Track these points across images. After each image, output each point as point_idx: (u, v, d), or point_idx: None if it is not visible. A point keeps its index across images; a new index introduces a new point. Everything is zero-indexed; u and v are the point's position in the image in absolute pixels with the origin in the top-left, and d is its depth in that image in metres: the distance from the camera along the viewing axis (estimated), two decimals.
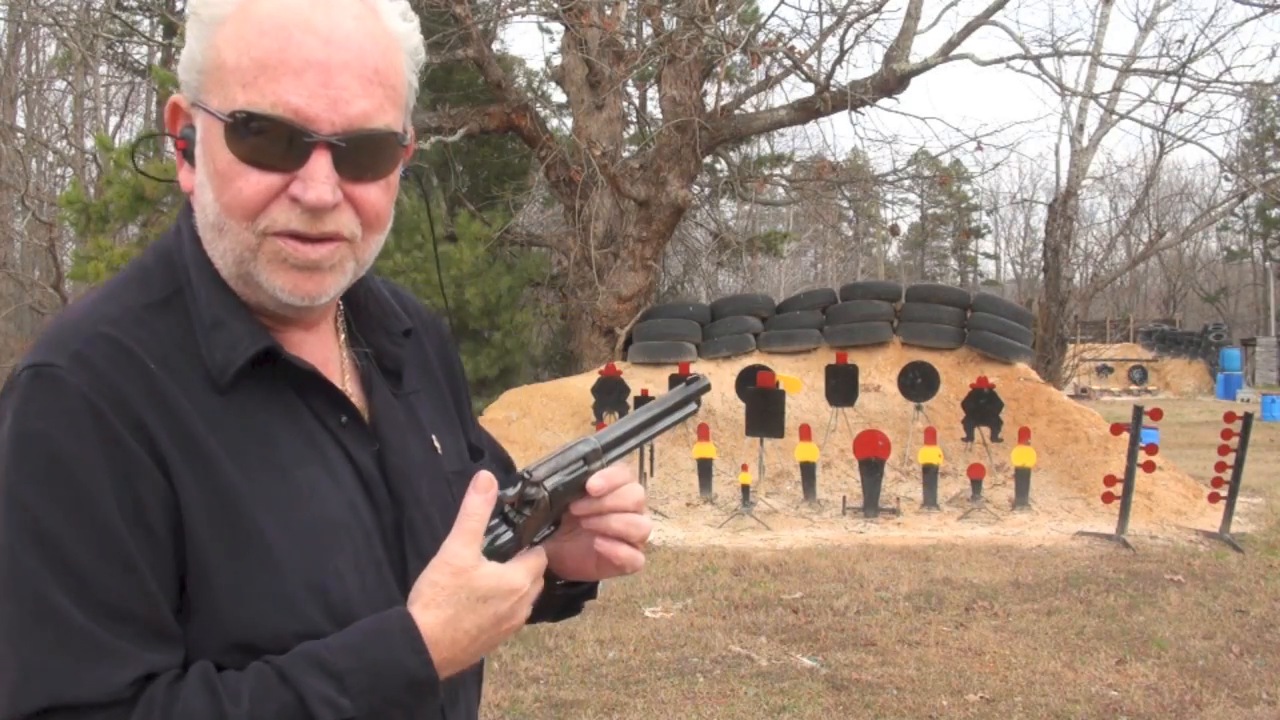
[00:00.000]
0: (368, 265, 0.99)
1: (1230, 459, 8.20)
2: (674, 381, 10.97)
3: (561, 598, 1.14)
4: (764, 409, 9.70)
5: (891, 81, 12.26)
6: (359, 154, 0.91)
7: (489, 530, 0.96)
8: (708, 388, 1.10)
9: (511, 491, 0.98)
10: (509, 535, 0.97)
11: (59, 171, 23.70)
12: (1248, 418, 8.28)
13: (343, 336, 1.06)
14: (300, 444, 0.95)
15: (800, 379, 10.99)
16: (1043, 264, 18.05)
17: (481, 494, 0.94)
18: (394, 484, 1.00)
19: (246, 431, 0.92)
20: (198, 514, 0.88)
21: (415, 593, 0.93)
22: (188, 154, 0.96)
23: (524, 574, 0.96)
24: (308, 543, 0.91)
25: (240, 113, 0.88)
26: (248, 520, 0.89)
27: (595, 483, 1.00)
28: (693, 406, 1.09)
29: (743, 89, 16.69)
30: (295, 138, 0.89)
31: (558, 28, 15.54)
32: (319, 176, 0.89)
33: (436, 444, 1.09)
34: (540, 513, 0.98)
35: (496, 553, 0.96)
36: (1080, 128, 17.37)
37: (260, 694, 0.85)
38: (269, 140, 0.89)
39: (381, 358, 1.06)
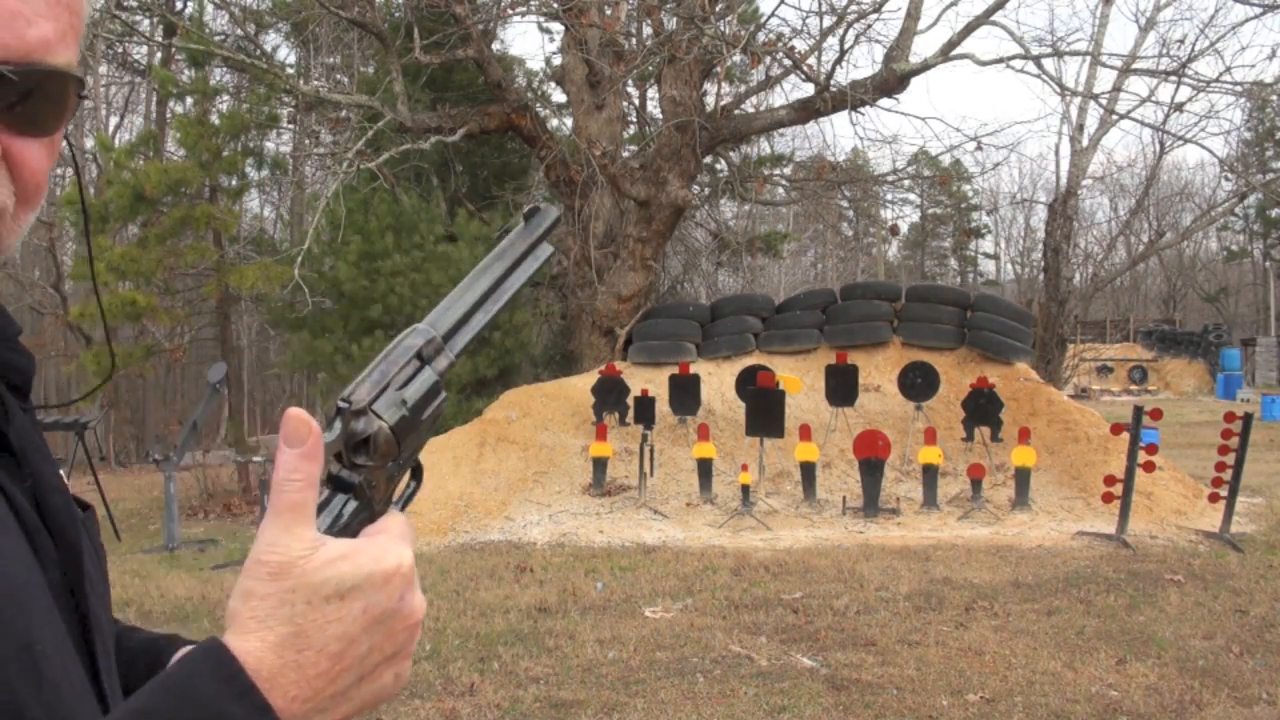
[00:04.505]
0: (11, 251, 0.72)
1: (1230, 459, 8.20)
2: (674, 382, 10.99)
3: None
4: (764, 409, 9.70)
5: (891, 81, 12.26)
6: (32, 97, 0.66)
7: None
8: (558, 220, 0.83)
9: (330, 434, 0.68)
10: (351, 503, 0.68)
11: (59, 171, 23.74)
12: (1248, 418, 8.28)
13: None
14: None
15: (800, 379, 11.00)
16: (1043, 264, 18.05)
17: (299, 444, 0.63)
18: (57, 532, 0.73)
19: None
20: None
21: (228, 617, 0.63)
22: None
23: (392, 539, 0.66)
24: (9, 616, 0.63)
25: None
26: None
27: None
28: (546, 250, 0.81)
29: (743, 89, 16.70)
30: None
31: (558, 28, 15.55)
32: None
33: (62, 472, 0.80)
34: (384, 454, 0.68)
35: (343, 534, 0.67)
36: (1080, 128, 17.37)
37: None
38: None
39: (4, 369, 0.78)
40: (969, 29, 12.50)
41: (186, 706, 0.59)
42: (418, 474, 0.76)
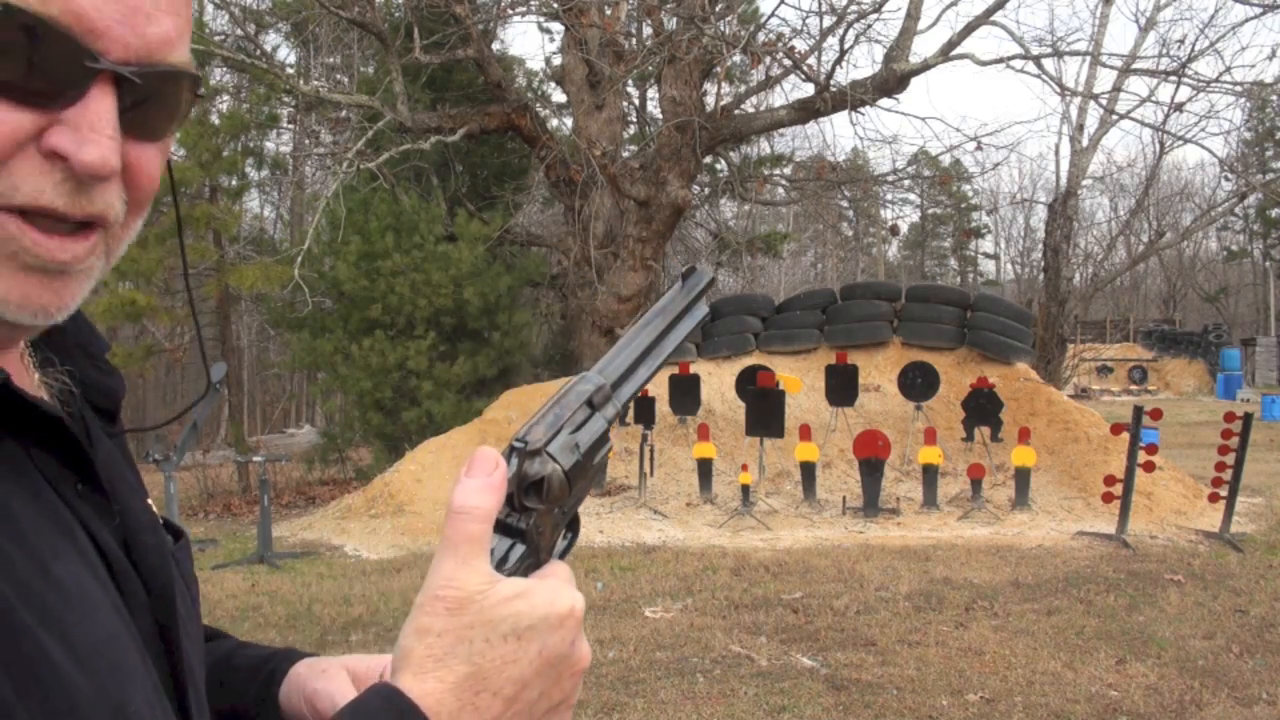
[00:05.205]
0: (113, 265, 0.66)
1: (1230, 459, 8.20)
2: (674, 382, 10.99)
3: None
4: (764, 409, 9.70)
5: (891, 81, 12.26)
6: (153, 98, 0.60)
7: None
8: (713, 281, 0.84)
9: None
10: (518, 547, 0.67)
11: None
12: (1248, 418, 8.28)
13: (33, 363, 0.70)
14: (47, 525, 0.61)
15: (800, 379, 11.00)
16: (1043, 264, 18.06)
17: (483, 476, 0.63)
18: (148, 575, 0.68)
19: None
20: None
21: (399, 655, 0.61)
22: None
23: (565, 583, 0.66)
24: (101, 672, 0.58)
25: (3, 5, 0.54)
26: (29, 642, 0.55)
27: None
28: (702, 310, 0.82)
29: (743, 89, 16.70)
30: (71, 59, 0.55)
31: (558, 28, 15.57)
32: (102, 125, 0.57)
33: (151, 503, 0.74)
34: (556, 498, 0.68)
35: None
36: (1080, 128, 17.37)
37: None
38: (31, 57, 0.55)
39: (90, 391, 0.72)
40: (969, 29, 12.50)
41: None
42: (574, 526, 0.75)
